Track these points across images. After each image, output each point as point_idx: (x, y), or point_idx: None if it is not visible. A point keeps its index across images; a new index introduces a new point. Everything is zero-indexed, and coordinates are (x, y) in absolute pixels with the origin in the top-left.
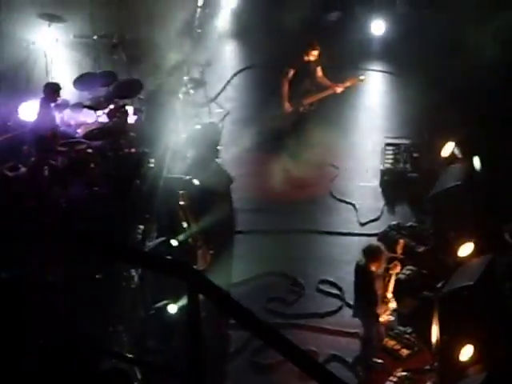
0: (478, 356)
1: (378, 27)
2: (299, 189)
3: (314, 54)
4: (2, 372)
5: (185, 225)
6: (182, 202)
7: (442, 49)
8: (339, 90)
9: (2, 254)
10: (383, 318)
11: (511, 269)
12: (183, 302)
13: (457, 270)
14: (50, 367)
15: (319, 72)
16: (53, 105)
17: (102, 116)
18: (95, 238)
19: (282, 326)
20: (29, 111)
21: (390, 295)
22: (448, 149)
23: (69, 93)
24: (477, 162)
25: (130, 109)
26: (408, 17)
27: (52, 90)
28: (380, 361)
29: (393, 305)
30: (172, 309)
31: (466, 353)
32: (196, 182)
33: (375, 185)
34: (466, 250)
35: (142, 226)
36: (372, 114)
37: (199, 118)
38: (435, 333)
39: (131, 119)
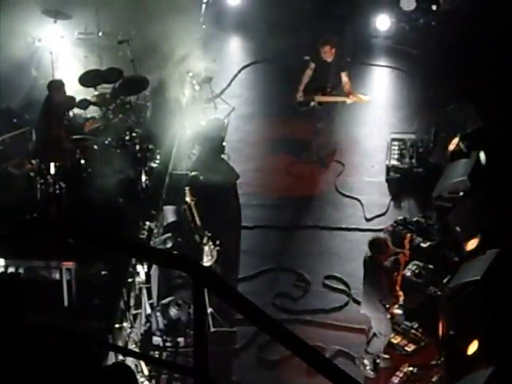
0: (485, 351)
1: (383, 23)
2: (305, 184)
3: (326, 51)
4: (7, 366)
5: (191, 221)
6: (187, 199)
7: (449, 44)
8: (349, 101)
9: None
10: (391, 312)
11: None
12: (189, 297)
13: (463, 264)
14: (53, 361)
15: (345, 77)
16: (58, 102)
17: (107, 113)
18: (101, 232)
19: (289, 321)
20: (36, 108)
21: (398, 288)
22: (454, 143)
23: (74, 90)
24: (483, 156)
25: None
26: (414, 12)
27: (57, 88)
28: (387, 356)
29: (401, 299)
30: (177, 305)
31: (473, 348)
32: (202, 178)
33: (381, 180)
34: (472, 244)
35: (148, 223)
36: (378, 109)
37: (205, 114)
38: (442, 328)
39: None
